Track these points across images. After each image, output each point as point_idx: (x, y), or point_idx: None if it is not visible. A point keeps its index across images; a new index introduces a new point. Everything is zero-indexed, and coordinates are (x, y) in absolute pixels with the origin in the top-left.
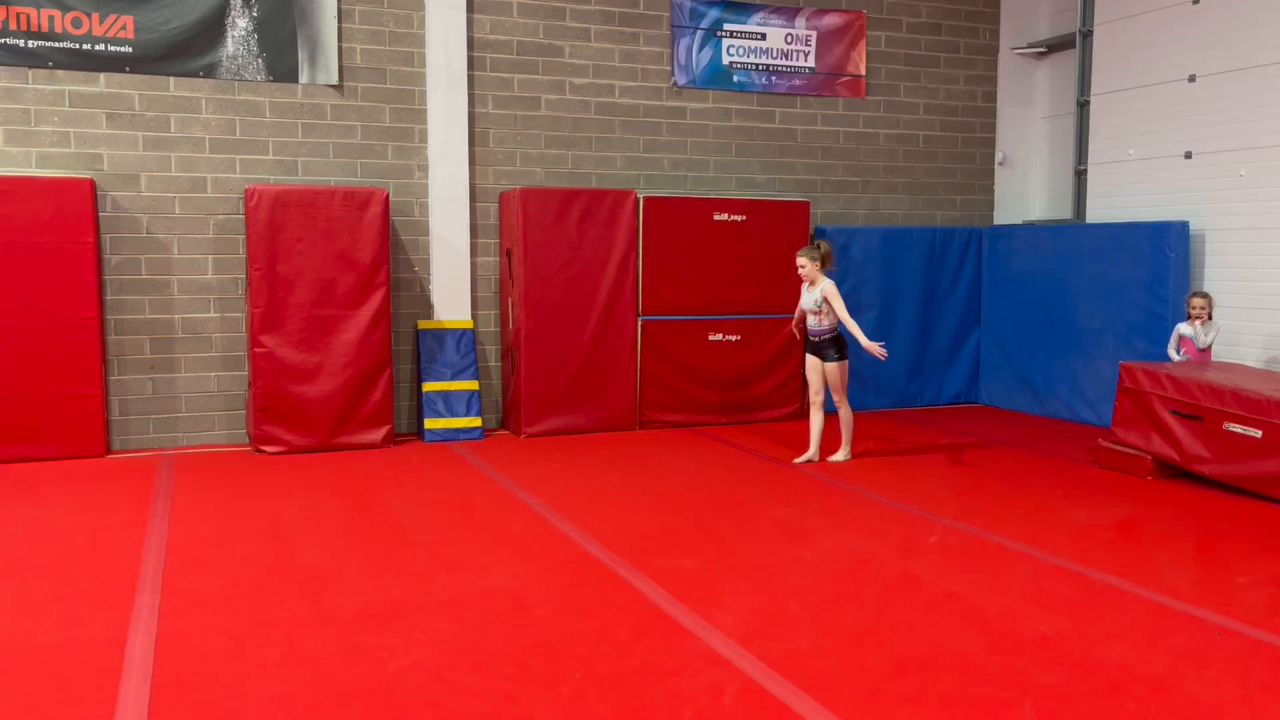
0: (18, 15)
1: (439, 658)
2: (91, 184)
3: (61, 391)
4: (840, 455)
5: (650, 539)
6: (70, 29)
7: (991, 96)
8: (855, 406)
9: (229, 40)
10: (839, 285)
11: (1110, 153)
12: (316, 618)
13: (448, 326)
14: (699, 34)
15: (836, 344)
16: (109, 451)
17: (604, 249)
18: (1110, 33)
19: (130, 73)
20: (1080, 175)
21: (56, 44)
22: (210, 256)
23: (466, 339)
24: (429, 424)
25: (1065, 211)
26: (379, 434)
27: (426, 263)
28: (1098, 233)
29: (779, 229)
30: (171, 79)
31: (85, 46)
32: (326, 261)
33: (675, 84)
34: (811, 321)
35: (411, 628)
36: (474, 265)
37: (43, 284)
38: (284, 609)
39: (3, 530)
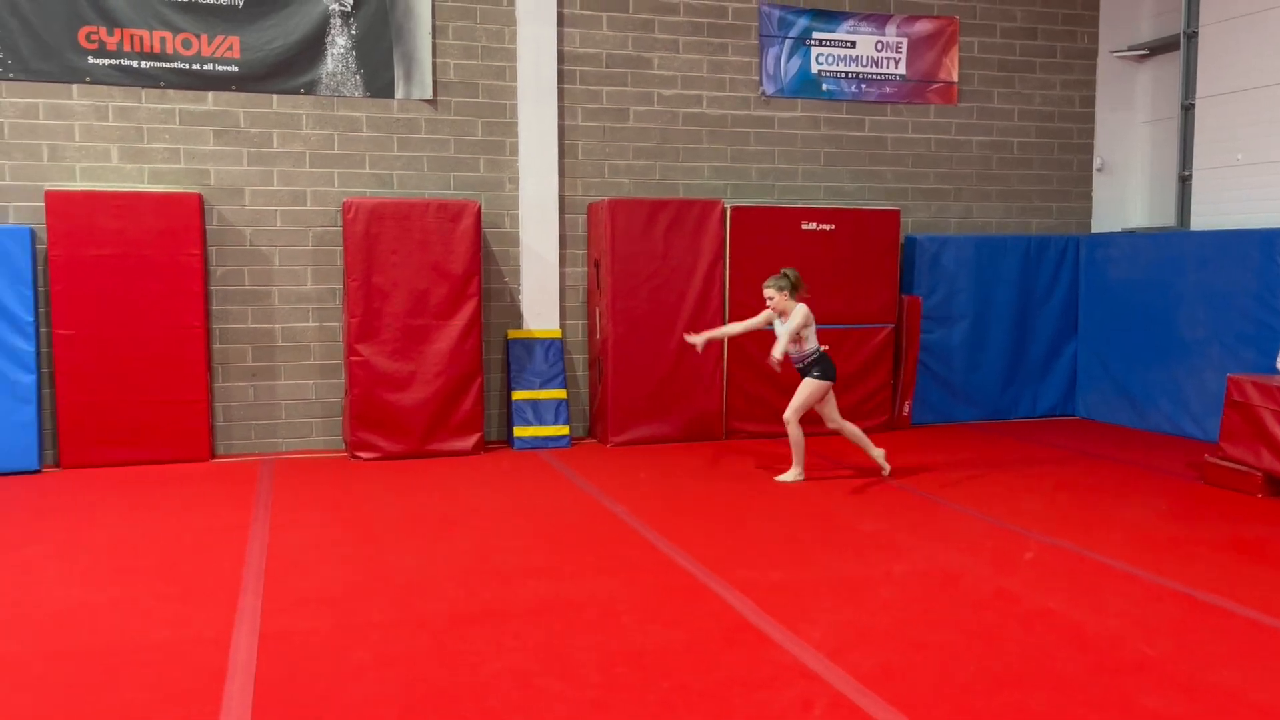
0: (131, 37)
1: (528, 664)
2: (199, 198)
3: (170, 398)
4: (791, 475)
5: (737, 549)
6: (180, 50)
7: (1090, 101)
8: (945, 418)
9: (328, 58)
10: (929, 295)
11: (1217, 157)
12: (410, 621)
13: (537, 336)
14: (788, 43)
15: (819, 364)
16: (213, 456)
17: (691, 259)
18: (1216, 34)
19: (236, 91)
20: (1184, 181)
21: (167, 64)
22: (309, 268)
23: (555, 348)
24: (518, 432)
25: (1168, 218)
26: (469, 441)
27: (516, 273)
28: (1203, 240)
29: (869, 238)
30: (274, 96)
31: (194, 66)
32: (420, 272)
33: (763, 93)
34: (792, 350)
35: (501, 633)
36: (562, 275)
37: (153, 295)
38: (379, 612)
39: (113, 531)
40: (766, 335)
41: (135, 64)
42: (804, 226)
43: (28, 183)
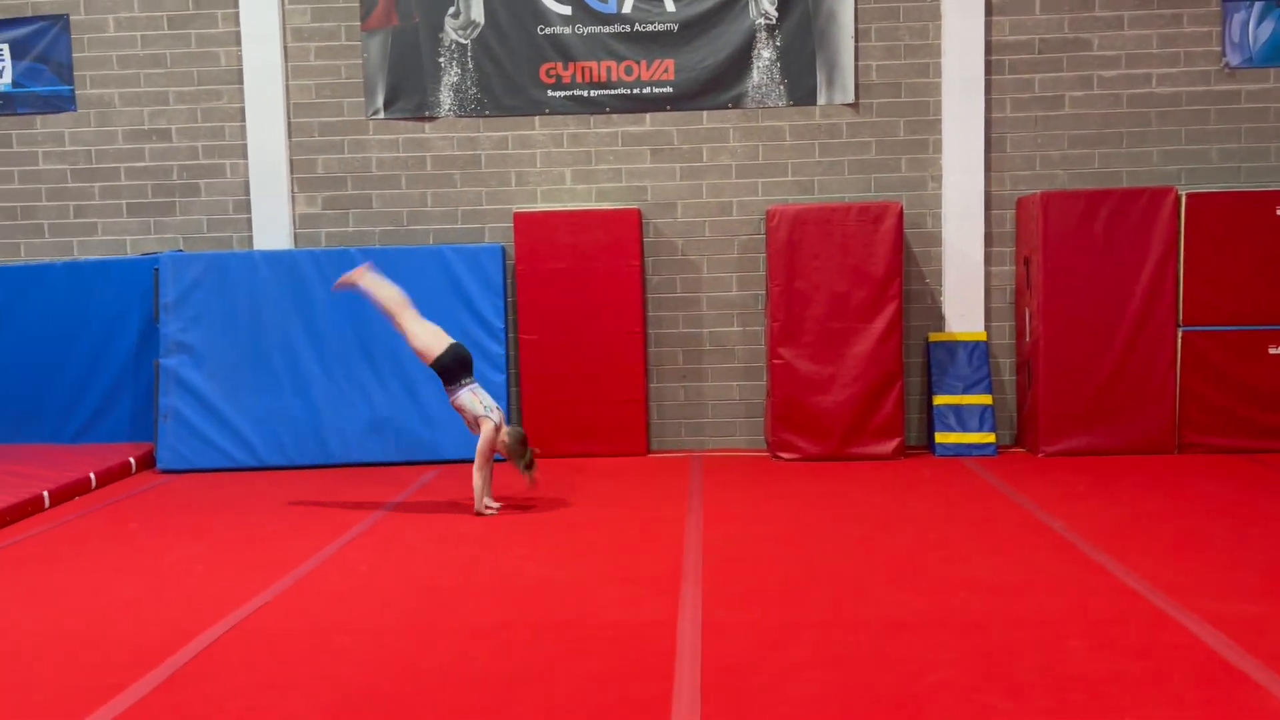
0: (582, 69)
1: (969, 679)
2: (638, 213)
3: (613, 397)
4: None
5: (1202, 576)
6: (623, 76)
7: None
8: None
9: (754, 71)
10: None
11: None
12: (843, 624)
13: (959, 338)
14: (1257, 6)
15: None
16: (648, 451)
17: (1136, 253)
18: None
19: (670, 111)
20: None
21: (612, 91)
22: (734, 275)
23: (979, 351)
24: (940, 438)
25: None
26: (889, 446)
27: (938, 274)
28: None
29: None
30: (704, 113)
31: (634, 91)
32: (840, 275)
33: (1226, 65)
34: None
35: (937, 644)
36: (988, 275)
37: (599, 303)
38: (812, 612)
39: (570, 515)
40: (1235, 338)
41: (585, 93)
42: None
43: (499, 206)
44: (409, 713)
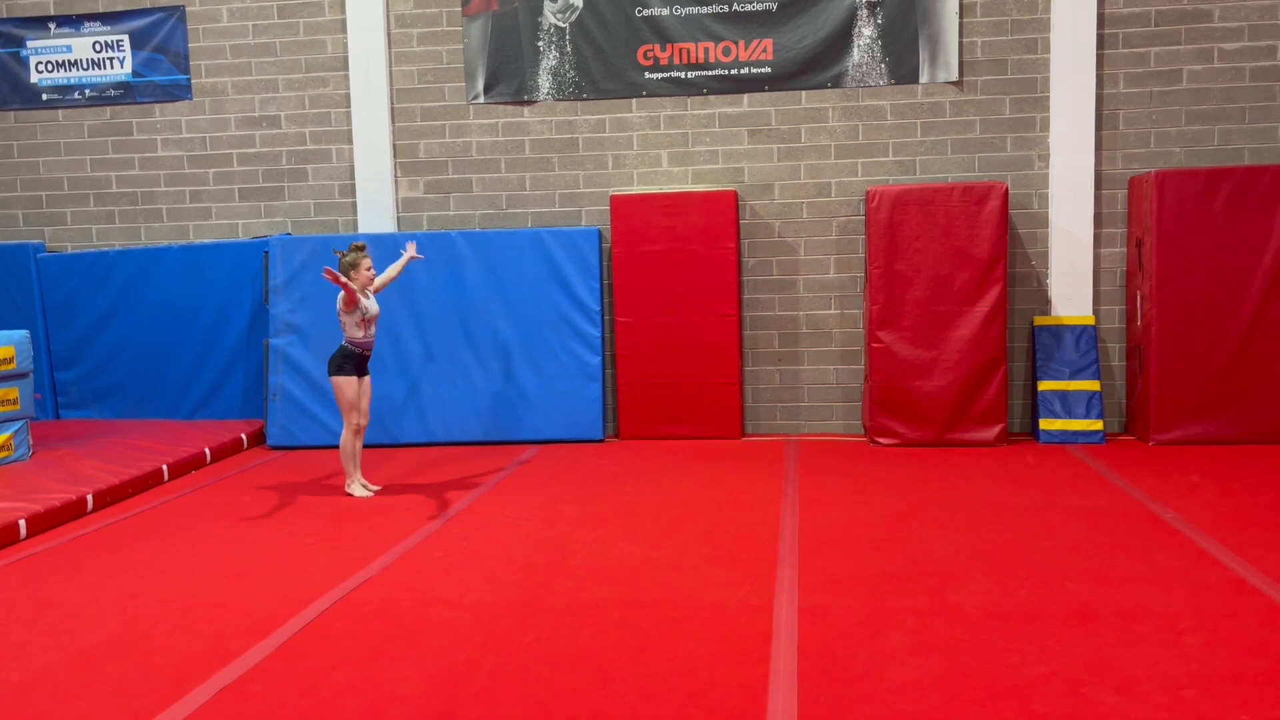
0: (680, 51)
1: (1075, 671)
2: (734, 195)
3: (708, 380)
4: (349, 488)
5: None
6: (721, 58)
7: None
8: None
9: (854, 50)
10: None
11: None
12: (943, 612)
13: (1066, 322)
14: None
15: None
16: (743, 434)
17: (1258, 234)
18: None
19: (768, 91)
20: None
21: (709, 72)
22: (832, 257)
23: (1087, 336)
24: (1045, 424)
25: None
26: (992, 432)
27: (1044, 256)
28: None
29: None
30: (803, 93)
31: (732, 72)
32: (943, 258)
33: None
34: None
35: (1042, 635)
36: (1097, 257)
37: (695, 285)
38: (911, 599)
39: (665, 496)
40: None
41: (682, 75)
42: None
43: (596, 189)
44: (507, 686)
